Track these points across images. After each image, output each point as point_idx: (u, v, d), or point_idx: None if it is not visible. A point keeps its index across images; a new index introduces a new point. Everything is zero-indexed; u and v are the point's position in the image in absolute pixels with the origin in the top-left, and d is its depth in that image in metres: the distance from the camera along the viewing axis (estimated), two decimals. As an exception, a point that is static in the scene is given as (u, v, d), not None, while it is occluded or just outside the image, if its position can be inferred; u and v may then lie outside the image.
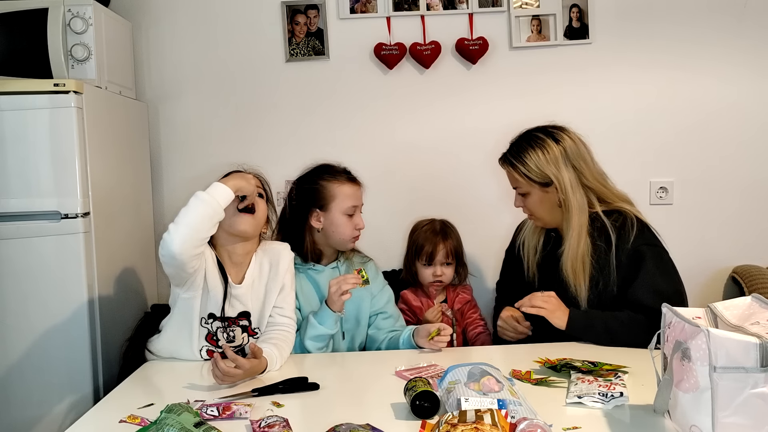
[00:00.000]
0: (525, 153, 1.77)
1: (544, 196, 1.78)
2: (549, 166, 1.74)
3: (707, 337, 1.03)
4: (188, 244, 1.55)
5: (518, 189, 1.83)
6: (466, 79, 2.56)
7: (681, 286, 1.74)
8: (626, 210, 1.77)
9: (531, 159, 1.76)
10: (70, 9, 2.07)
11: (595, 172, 1.79)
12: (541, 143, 1.76)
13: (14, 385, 1.90)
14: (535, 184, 1.77)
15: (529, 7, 2.53)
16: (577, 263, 1.73)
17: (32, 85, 1.90)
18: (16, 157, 1.87)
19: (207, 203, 1.56)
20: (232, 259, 1.74)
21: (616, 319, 1.69)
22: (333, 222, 1.87)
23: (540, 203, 1.79)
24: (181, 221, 1.55)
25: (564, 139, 1.77)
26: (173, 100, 2.58)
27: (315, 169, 1.94)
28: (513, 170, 1.80)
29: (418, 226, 2.24)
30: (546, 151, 1.75)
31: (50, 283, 1.89)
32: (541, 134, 1.79)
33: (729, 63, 2.52)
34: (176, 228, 1.54)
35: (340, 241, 1.90)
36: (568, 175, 1.74)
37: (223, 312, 1.70)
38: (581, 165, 1.76)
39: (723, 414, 1.02)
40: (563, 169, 1.74)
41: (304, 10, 2.54)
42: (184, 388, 1.50)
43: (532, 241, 1.92)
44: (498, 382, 1.27)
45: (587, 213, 1.75)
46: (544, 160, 1.74)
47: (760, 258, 2.52)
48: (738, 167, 2.55)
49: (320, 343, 1.80)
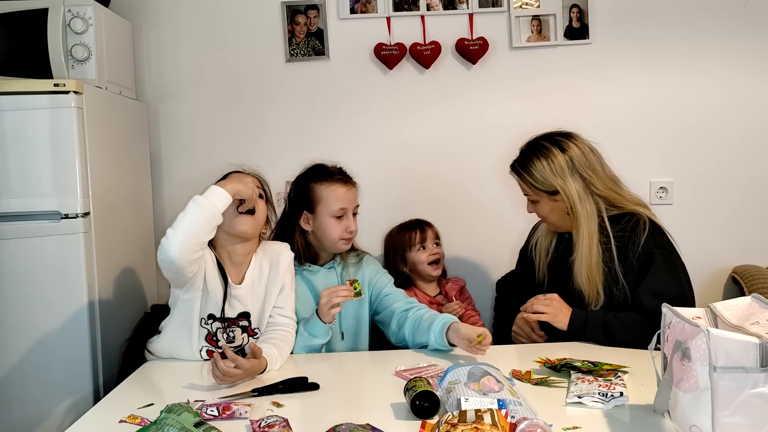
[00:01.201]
0: (531, 163, 1.76)
1: (553, 205, 1.78)
2: (555, 178, 1.73)
3: (707, 337, 1.03)
4: (186, 249, 1.55)
5: (528, 197, 1.83)
6: (466, 80, 2.56)
7: (688, 290, 1.73)
8: (639, 212, 1.75)
9: (537, 169, 1.75)
10: (70, 9, 2.07)
11: (606, 179, 1.77)
12: (546, 153, 1.75)
13: (14, 385, 1.89)
14: (542, 193, 1.77)
15: (529, 7, 2.53)
16: (592, 271, 1.72)
17: (32, 85, 1.90)
18: (16, 157, 1.87)
19: (205, 208, 1.55)
20: (232, 259, 1.74)
21: (616, 320, 1.69)
22: (321, 225, 1.85)
23: (550, 211, 1.79)
24: (179, 227, 1.55)
25: (570, 147, 1.75)
26: (173, 100, 2.58)
27: (308, 170, 1.93)
28: (521, 179, 1.80)
29: (393, 231, 2.31)
30: (551, 161, 1.74)
31: (50, 283, 1.88)
32: (547, 143, 1.77)
33: (729, 63, 2.52)
34: (174, 233, 1.54)
35: (330, 244, 1.87)
36: (575, 185, 1.72)
37: (223, 313, 1.70)
38: (589, 174, 1.74)
39: (723, 414, 1.02)
40: (569, 179, 1.72)
41: (304, 11, 2.54)
42: (184, 388, 1.50)
43: (544, 242, 1.92)
44: (498, 382, 1.27)
45: (597, 221, 1.73)
46: (549, 170, 1.73)
47: (760, 258, 2.52)
48: (738, 167, 2.55)
49: (315, 351, 1.79)
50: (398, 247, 2.24)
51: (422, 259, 2.19)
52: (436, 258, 2.20)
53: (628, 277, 1.71)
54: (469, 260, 2.48)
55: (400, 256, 2.23)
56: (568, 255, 1.81)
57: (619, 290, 1.71)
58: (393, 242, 2.27)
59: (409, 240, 2.21)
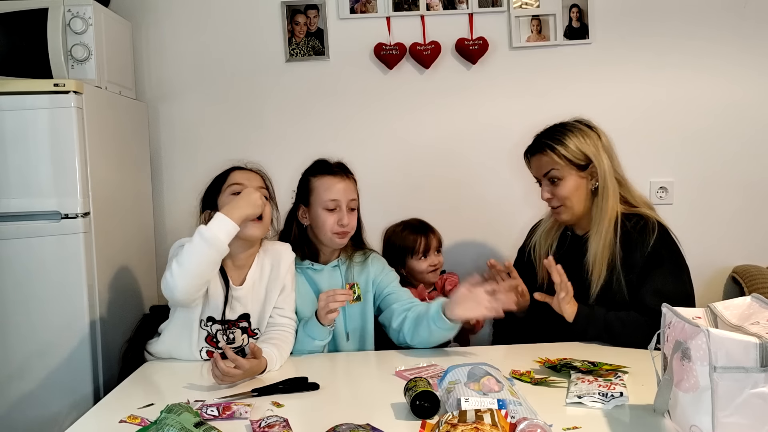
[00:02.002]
0: (564, 135, 1.78)
1: (579, 182, 1.78)
2: (590, 147, 1.77)
3: (707, 337, 1.03)
4: (193, 289, 1.56)
5: (552, 173, 1.79)
6: (466, 79, 2.56)
7: (691, 292, 1.74)
8: (647, 214, 1.77)
9: (571, 140, 1.77)
10: (70, 9, 2.07)
11: (620, 175, 1.82)
12: (579, 129, 1.80)
13: (14, 385, 1.89)
14: (573, 166, 1.77)
15: (529, 7, 2.53)
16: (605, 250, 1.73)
17: (32, 85, 1.90)
18: (16, 157, 1.87)
19: (213, 246, 1.52)
20: (235, 262, 1.72)
21: (618, 319, 1.69)
22: (314, 217, 1.82)
23: (575, 189, 1.78)
24: (185, 265, 1.51)
25: (598, 129, 1.82)
26: (173, 100, 2.58)
27: (311, 164, 1.92)
28: (552, 152, 1.77)
29: (396, 229, 2.24)
30: (585, 135, 1.79)
31: (50, 283, 1.88)
32: (576, 123, 1.83)
33: (729, 63, 2.52)
34: (180, 272, 1.51)
35: (325, 239, 1.83)
36: (606, 161, 1.77)
37: (224, 316, 1.70)
38: (613, 156, 1.80)
39: (723, 414, 1.02)
40: (602, 153, 1.77)
41: (304, 10, 2.54)
42: (184, 388, 1.50)
43: (544, 244, 1.92)
44: (498, 382, 1.27)
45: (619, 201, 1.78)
46: (584, 141, 1.77)
47: (760, 258, 2.52)
48: (738, 167, 2.55)
49: (316, 352, 1.77)
50: (400, 251, 2.20)
51: (422, 268, 2.16)
52: (436, 267, 2.18)
53: (629, 276, 1.71)
54: (468, 260, 2.47)
55: (400, 257, 2.20)
56: (569, 255, 1.81)
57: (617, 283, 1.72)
58: (395, 243, 2.23)
59: (412, 247, 2.17)
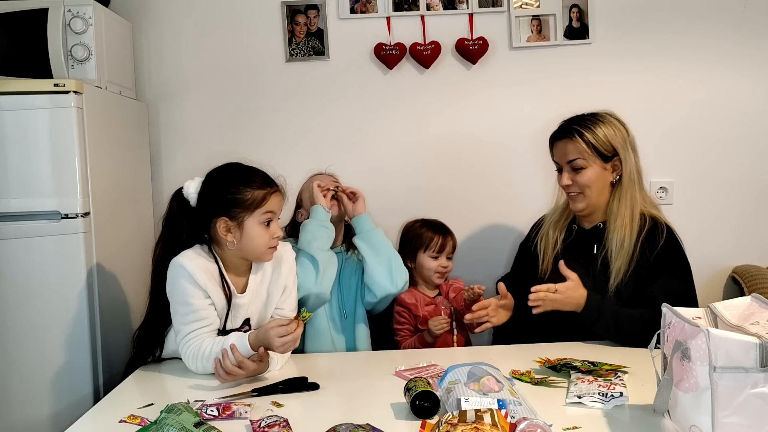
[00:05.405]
0: (595, 124, 1.80)
1: (601, 173, 1.80)
2: (618, 139, 1.79)
3: (707, 337, 1.03)
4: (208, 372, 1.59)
5: (577, 161, 1.79)
6: (466, 79, 2.56)
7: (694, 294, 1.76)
8: (657, 216, 1.80)
9: (601, 129, 1.79)
10: (70, 9, 2.07)
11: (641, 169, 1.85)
12: (609, 120, 1.82)
13: (14, 385, 1.89)
14: (597, 156, 1.78)
15: (529, 7, 2.53)
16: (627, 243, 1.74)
17: (32, 85, 1.90)
18: (16, 157, 1.87)
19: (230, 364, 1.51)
20: (238, 271, 1.70)
21: (627, 316, 1.69)
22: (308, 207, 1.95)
23: (596, 179, 1.80)
24: (200, 368, 1.58)
25: (626, 124, 1.84)
26: (173, 100, 2.58)
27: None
28: (580, 138, 1.78)
29: (415, 224, 2.24)
30: (615, 127, 1.81)
31: (50, 283, 1.88)
32: (606, 114, 1.84)
33: (729, 63, 2.52)
34: (196, 367, 1.59)
35: None
36: (632, 156, 1.80)
37: (225, 326, 1.67)
38: (637, 153, 1.83)
39: (723, 414, 1.02)
40: (628, 149, 1.80)
41: (304, 10, 2.54)
42: (184, 388, 1.51)
43: (552, 235, 1.92)
44: (498, 382, 1.27)
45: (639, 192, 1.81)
46: (614, 133, 1.79)
47: (760, 258, 2.52)
48: (738, 167, 2.55)
49: (326, 244, 1.89)
50: (413, 244, 2.19)
51: (431, 266, 2.15)
52: (445, 271, 2.18)
53: (639, 272, 1.72)
54: (468, 260, 2.47)
55: (411, 250, 2.19)
56: (575, 248, 1.83)
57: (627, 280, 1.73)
58: (410, 235, 2.22)
59: (428, 241, 2.17)
